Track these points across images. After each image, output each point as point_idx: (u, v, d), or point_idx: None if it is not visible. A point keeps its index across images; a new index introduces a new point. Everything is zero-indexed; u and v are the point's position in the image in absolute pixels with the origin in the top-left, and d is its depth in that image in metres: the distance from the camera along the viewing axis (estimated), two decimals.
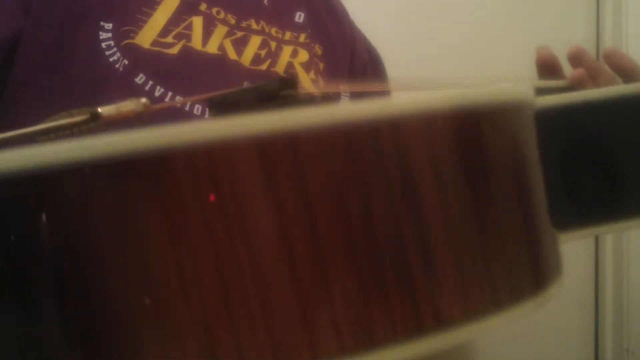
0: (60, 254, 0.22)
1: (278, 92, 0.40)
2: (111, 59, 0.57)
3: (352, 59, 0.75)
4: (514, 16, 1.26)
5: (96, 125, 0.34)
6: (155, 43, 0.59)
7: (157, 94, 0.58)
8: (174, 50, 0.60)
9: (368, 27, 0.83)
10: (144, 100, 0.35)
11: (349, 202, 0.23)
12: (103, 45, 0.58)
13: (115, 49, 0.58)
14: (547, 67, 0.68)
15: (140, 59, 0.58)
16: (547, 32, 1.26)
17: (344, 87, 0.65)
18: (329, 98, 0.67)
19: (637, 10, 1.28)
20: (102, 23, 0.58)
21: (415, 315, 0.24)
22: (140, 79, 0.58)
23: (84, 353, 0.22)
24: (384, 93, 0.80)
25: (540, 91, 0.58)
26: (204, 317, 0.22)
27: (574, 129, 0.44)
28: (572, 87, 0.63)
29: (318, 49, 0.71)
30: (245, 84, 0.62)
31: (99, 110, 0.33)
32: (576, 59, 0.65)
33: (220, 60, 0.62)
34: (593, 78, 0.63)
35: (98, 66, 0.57)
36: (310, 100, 0.41)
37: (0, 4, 0.58)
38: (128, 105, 0.35)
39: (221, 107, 0.42)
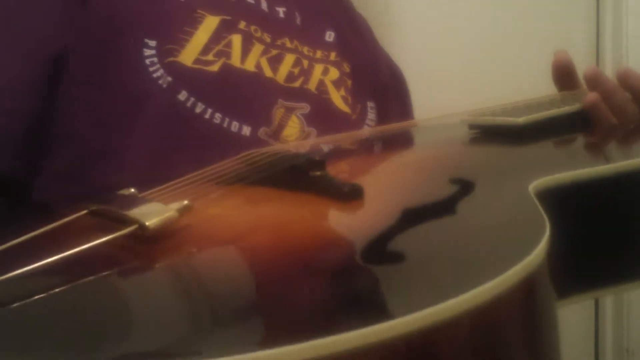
0: None
1: (306, 171, 0.44)
2: (154, 75, 0.59)
3: (373, 79, 0.77)
4: (513, 16, 1.26)
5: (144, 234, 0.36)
6: (197, 61, 0.61)
7: (197, 110, 0.59)
8: (215, 68, 0.62)
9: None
10: (181, 204, 0.38)
11: None
12: (147, 61, 0.59)
13: (158, 65, 0.59)
14: (563, 72, 0.69)
15: (183, 77, 0.60)
16: (547, 32, 1.26)
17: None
18: (357, 118, 0.72)
19: (637, 10, 1.28)
20: (146, 40, 0.60)
21: None
22: (182, 95, 0.59)
23: None
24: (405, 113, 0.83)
25: (556, 118, 0.61)
26: None
27: (589, 200, 0.48)
28: (586, 111, 0.64)
29: (346, 67, 0.73)
30: (280, 101, 0.64)
31: (147, 223, 0.36)
32: (592, 81, 0.66)
33: (257, 77, 0.64)
34: (607, 100, 0.64)
35: (142, 82, 0.59)
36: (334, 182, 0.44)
37: (48, 20, 0.60)
38: (171, 212, 0.37)
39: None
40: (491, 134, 0.61)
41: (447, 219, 0.40)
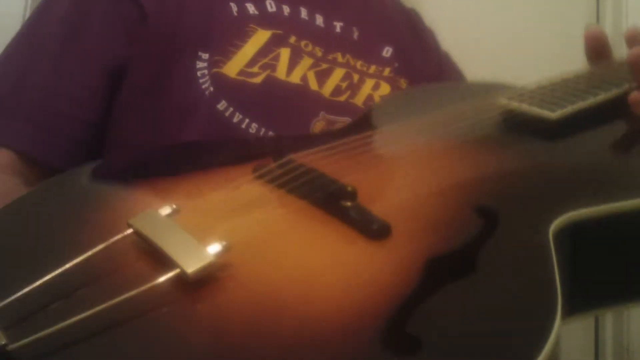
0: None
1: (338, 199, 0.44)
2: (203, 86, 0.62)
3: None
4: (513, 16, 1.26)
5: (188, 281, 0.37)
6: (241, 73, 0.63)
7: (235, 120, 0.62)
8: (258, 80, 0.64)
9: None
10: (218, 246, 0.39)
11: None
12: (198, 73, 0.62)
13: (207, 77, 0.62)
14: (596, 46, 0.65)
15: (225, 87, 0.62)
16: (547, 31, 1.26)
17: None
18: None
19: (637, 10, 1.28)
20: (200, 53, 0.63)
21: None
22: (222, 105, 0.62)
23: None
24: None
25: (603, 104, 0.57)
26: None
27: (601, 231, 0.46)
28: (631, 89, 0.59)
29: (403, 83, 0.74)
30: (322, 114, 0.65)
31: (189, 271, 0.37)
32: (632, 38, 0.61)
33: (301, 90, 0.65)
34: None
35: (191, 93, 0.62)
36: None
37: (111, 34, 0.63)
38: (209, 257, 0.38)
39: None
40: (523, 123, 0.58)
41: (459, 287, 0.40)
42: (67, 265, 0.37)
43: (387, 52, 0.75)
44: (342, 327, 0.35)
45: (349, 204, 0.44)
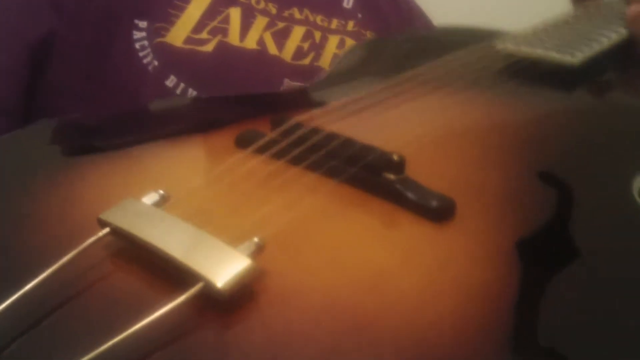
0: None
1: (379, 170, 0.33)
2: (144, 61, 0.54)
3: None
4: (513, 16, 1.20)
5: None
6: (188, 40, 0.55)
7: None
8: (209, 48, 0.56)
9: None
10: (250, 245, 0.26)
11: None
12: (137, 45, 0.54)
13: (148, 49, 0.54)
14: None
15: (172, 60, 0.54)
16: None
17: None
18: None
19: None
20: (136, 21, 0.54)
21: None
22: (170, 81, 0.54)
23: None
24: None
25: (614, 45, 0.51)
26: None
27: None
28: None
29: (370, 35, 0.66)
30: (286, 81, 0.57)
31: (219, 284, 0.24)
32: None
33: (259, 56, 0.58)
34: None
35: (132, 69, 0.53)
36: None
37: (29, 5, 0.54)
38: (243, 261, 0.25)
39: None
40: (541, 70, 0.49)
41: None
42: (16, 295, 0.23)
43: (347, 2, 0.66)
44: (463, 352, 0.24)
45: (393, 176, 0.33)
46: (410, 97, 0.45)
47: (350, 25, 0.65)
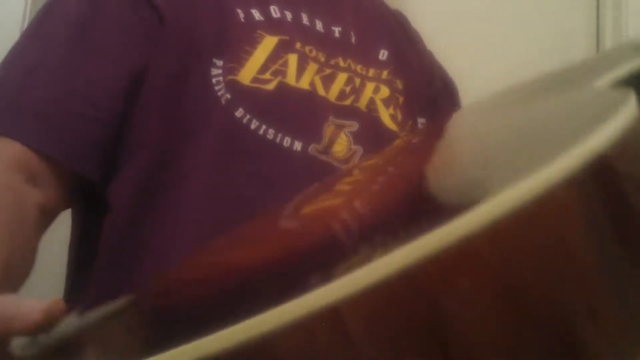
0: None
1: None
2: (219, 93, 0.63)
3: (425, 93, 0.80)
4: (513, 16, 1.26)
5: None
6: (254, 80, 0.65)
7: (252, 126, 0.63)
8: (271, 86, 0.65)
9: None
10: None
11: None
12: (214, 80, 0.63)
13: (222, 84, 0.63)
14: None
15: (241, 95, 0.63)
16: (547, 32, 1.26)
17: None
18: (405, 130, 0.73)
19: (637, 10, 1.29)
20: (214, 60, 0.64)
21: None
22: (239, 112, 0.63)
23: None
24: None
25: None
26: None
27: None
28: None
29: (399, 84, 0.76)
30: (331, 119, 0.67)
31: None
32: None
33: (310, 95, 0.67)
34: None
35: (206, 98, 0.62)
36: None
37: (130, 37, 0.63)
38: None
39: None
40: None
41: None
42: None
43: (383, 55, 0.77)
44: None
45: None
46: None
47: (385, 74, 0.75)
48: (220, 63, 0.64)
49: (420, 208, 0.29)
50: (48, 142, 0.58)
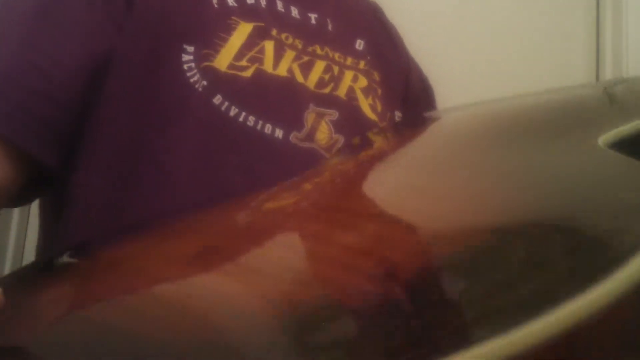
0: None
1: None
2: (191, 80, 0.61)
3: (406, 86, 0.80)
4: (513, 17, 1.26)
5: None
6: (231, 66, 0.63)
7: (232, 113, 0.61)
8: (248, 73, 0.64)
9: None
10: None
11: None
12: (185, 66, 0.61)
13: (195, 70, 0.61)
14: None
15: (218, 81, 0.62)
16: (547, 32, 1.26)
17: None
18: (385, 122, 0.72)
19: (637, 10, 1.28)
20: (184, 46, 0.62)
21: None
22: (217, 99, 0.61)
23: None
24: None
25: None
26: None
27: None
28: None
29: (376, 76, 0.75)
30: (311, 106, 0.66)
31: None
32: None
33: (289, 82, 0.66)
34: None
35: (179, 86, 0.61)
36: None
37: (94, 17, 0.61)
38: None
39: None
40: None
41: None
42: None
43: (359, 44, 0.76)
44: None
45: None
46: None
47: (362, 64, 0.74)
48: (191, 49, 0.62)
49: None
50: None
